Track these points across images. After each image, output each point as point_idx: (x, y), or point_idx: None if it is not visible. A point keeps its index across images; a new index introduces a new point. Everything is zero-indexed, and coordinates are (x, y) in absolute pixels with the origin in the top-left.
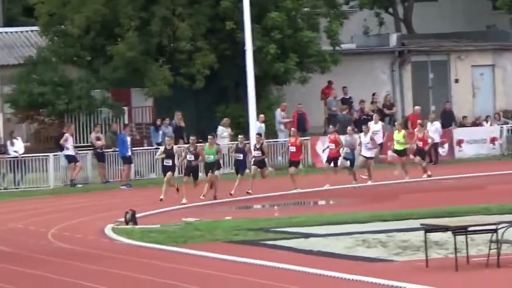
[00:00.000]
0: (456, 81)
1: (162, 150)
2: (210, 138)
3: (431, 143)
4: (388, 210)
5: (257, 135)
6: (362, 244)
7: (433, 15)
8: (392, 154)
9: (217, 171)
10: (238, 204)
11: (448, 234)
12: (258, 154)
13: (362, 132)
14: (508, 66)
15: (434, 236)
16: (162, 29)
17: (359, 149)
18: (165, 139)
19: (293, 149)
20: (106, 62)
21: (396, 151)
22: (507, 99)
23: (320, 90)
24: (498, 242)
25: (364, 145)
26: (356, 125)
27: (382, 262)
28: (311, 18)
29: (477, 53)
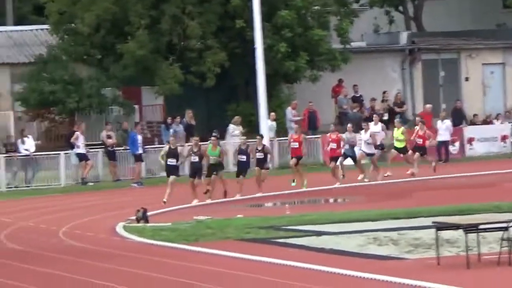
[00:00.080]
0: (466, 79)
1: (166, 150)
2: (212, 139)
3: (431, 141)
4: (399, 208)
5: (258, 137)
6: (373, 242)
7: (443, 13)
8: (392, 151)
9: (220, 172)
10: (249, 202)
11: (459, 232)
12: (260, 156)
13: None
14: None
15: (446, 234)
16: (172, 27)
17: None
18: (178, 137)
19: (295, 145)
20: (116, 60)
21: (396, 149)
22: None
23: (330, 88)
24: (509, 240)
25: (364, 142)
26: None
27: (394, 260)
28: (321, 16)
29: (487, 51)
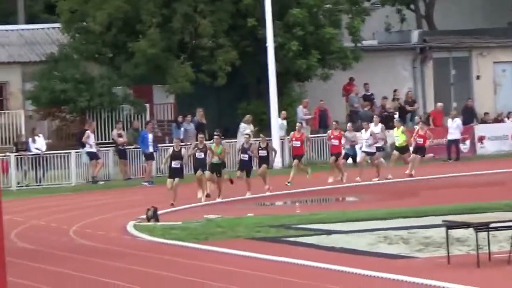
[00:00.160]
0: (477, 77)
1: (170, 153)
2: (215, 137)
3: (431, 141)
4: (410, 206)
5: (262, 136)
6: (384, 240)
7: (455, 12)
8: (394, 152)
9: (224, 173)
10: (259, 201)
11: (469, 231)
12: (264, 154)
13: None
14: None
15: (456, 232)
16: (184, 26)
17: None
18: (189, 136)
19: (297, 143)
20: (127, 59)
21: (397, 148)
22: None
23: (341, 87)
24: None
25: (364, 141)
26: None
27: (404, 258)
28: (333, 14)
29: (498, 49)
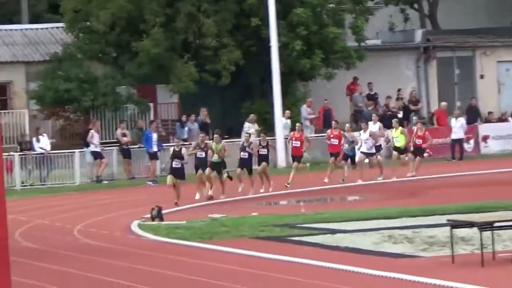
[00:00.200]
0: (481, 77)
1: (171, 153)
2: (215, 136)
3: (430, 142)
4: (414, 205)
5: (262, 134)
6: (388, 240)
7: (458, 11)
8: (394, 153)
9: (224, 173)
10: (263, 200)
11: (474, 230)
12: (264, 152)
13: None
14: None
15: (460, 232)
16: (188, 25)
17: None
18: (193, 135)
19: (297, 143)
20: (131, 58)
21: (395, 149)
22: None
23: (345, 86)
24: None
25: (363, 141)
26: (381, 121)
27: (408, 258)
28: (337, 14)
29: (502, 48)
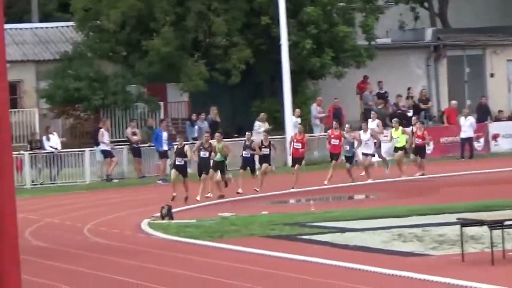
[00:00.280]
0: (491, 75)
1: (174, 151)
2: (217, 135)
3: (429, 142)
4: (424, 204)
5: (264, 133)
6: (398, 238)
7: (468, 10)
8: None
9: (227, 173)
10: (274, 199)
11: (484, 228)
12: (266, 152)
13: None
14: None
15: (470, 230)
16: (198, 24)
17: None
18: (200, 134)
19: (298, 145)
20: (141, 57)
21: (396, 149)
22: None
23: (355, 85)
24: None
25: (364, 142)
26: (391, 119)
27: (418, 256)
28: (347, 12)
29: None
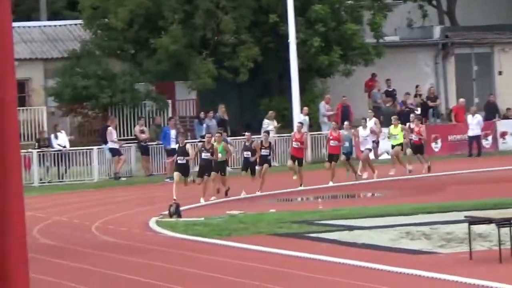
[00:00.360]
0: (499, 73)
1: (176, 149)
2: (217, 135)
3: (425, 140)
4: (432, 202)
5: (264, 134)
6: (406, 236)
7: (476, 7)
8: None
9: (226, 173)
10: (281, 197)
11: (492, 226)
12: (266, 153)
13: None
14: None
15: (478, 228)
16: (206, 22)
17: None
18: (211, 132)
19: (296, 144)
20: (149, 55)
21: (393, 146)
22: None
23: (364, 83)
24: None
25: (363, 138)
26: (399, 117)
27: (426, 254)
28: (355, 10)
29: None
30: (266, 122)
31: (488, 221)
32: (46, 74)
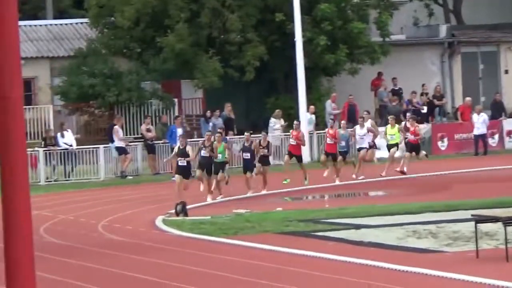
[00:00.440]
0: (506, 72)
1: (176, 150)
2: (217, 135)
3: (422, 139)
4: (439, 200)
5: (263, 134)
6: (412, 235)
7: (483, 6)
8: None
9: (225, 172)
10: (287, 195)
11: (498, 225)
12: (264, 152)
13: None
14: None
15: (485, 226)
16: (212, 20)
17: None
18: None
19: (294, 142)
20: (156, 53)
21: (389, 146)
22: None
23: (370, 81)
24: None
25: (359, 137)
26: (405, 116)
27: (433, 253)
28: (361, 9)
29: None
30: (273, 120)
31: (494, 219)
32: (52, 73)
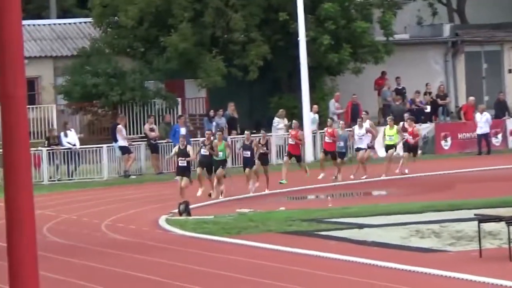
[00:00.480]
0: (509, 71)
1: (176, 150)
2: (218, 134)
3: (423, 138)
4: (442, 200)
5: (262, 131)
6: (416, 234)
7: (486, 5)
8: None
9: (224, 168)
10: (291, 194)
11: (501, 224)
12: (263, 150)
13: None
14: None
15: (488, 226)
16: (216, 20)
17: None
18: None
19: (292, 141)
20: (159, 53)
21: (387, 146)
22: None
23: (373, 81)
24: None
25: (358, 137)
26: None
27: (436, 252)
28: (365, 8)
29: None
30: (276, 120)
31: (498, 219)
32: (56, 72)
